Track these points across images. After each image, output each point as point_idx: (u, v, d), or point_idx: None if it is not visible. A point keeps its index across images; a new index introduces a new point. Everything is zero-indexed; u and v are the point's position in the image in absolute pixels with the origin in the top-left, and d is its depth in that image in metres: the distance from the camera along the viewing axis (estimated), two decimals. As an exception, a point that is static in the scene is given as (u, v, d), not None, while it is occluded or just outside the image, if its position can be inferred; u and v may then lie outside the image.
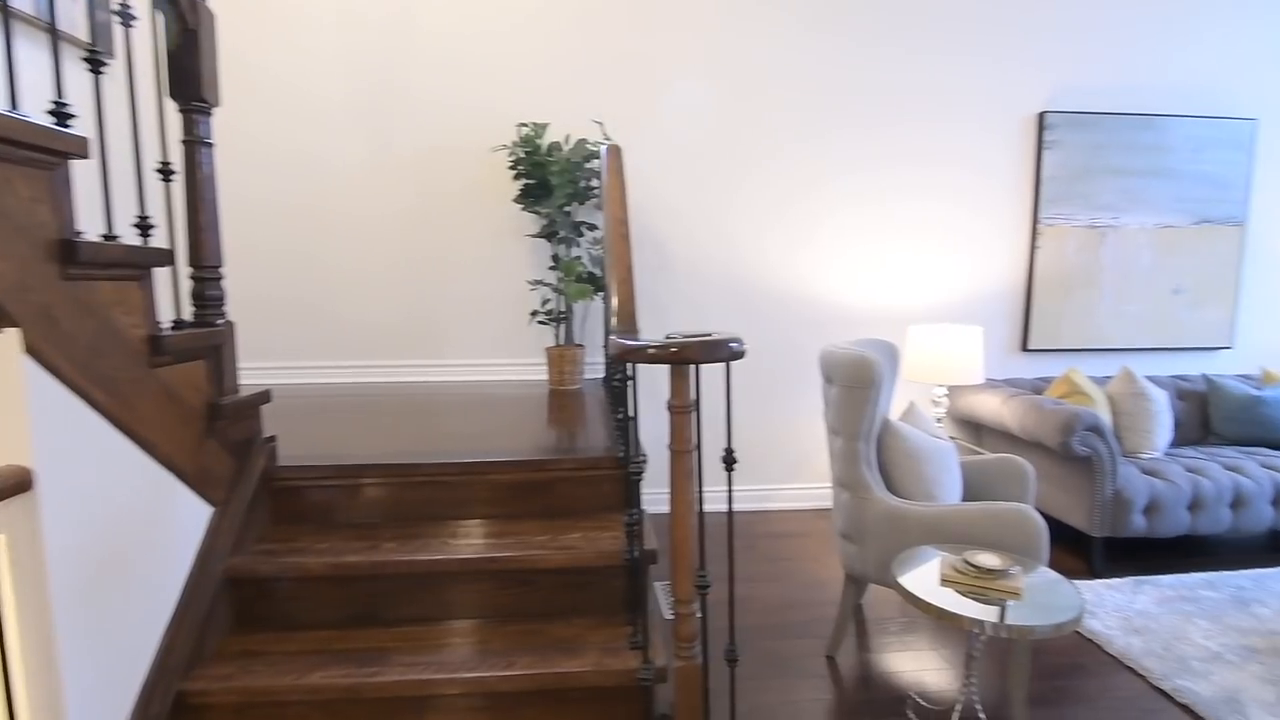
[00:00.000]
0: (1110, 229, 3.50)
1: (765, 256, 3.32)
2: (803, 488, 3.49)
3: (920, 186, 3.37)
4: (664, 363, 1.25)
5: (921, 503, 1.92)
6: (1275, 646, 2.14)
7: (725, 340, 1.27)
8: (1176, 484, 2.71)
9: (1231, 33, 3.47)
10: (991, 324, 3.53)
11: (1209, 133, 3.49)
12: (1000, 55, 3.32)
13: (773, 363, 3.39)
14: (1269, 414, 3.19)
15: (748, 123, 3.22)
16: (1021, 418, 2.91)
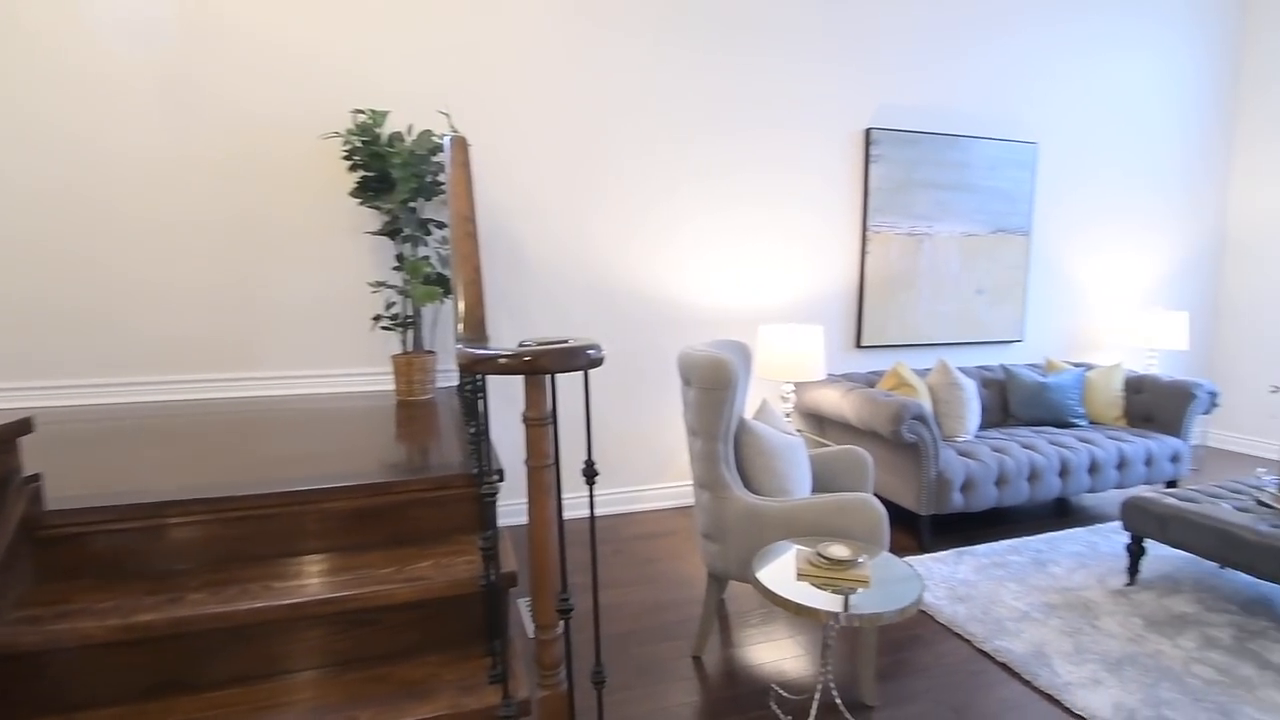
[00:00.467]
0: (926, 236, 3.90)
1: (626, 258, 3.31)
2: (667, 486, 3.53)
3: (767, 193, 3.53)
4: (516, 373, 1.16)
5: (777, 498, 1.99)
6: (1069, 601, 2.46)
7: (582, 347, 1.20)
8: (986, 463, 3.05)
9: (1017, 68, 3.99)
10: (830, 323, 3.78)
11: (1001, 153, 3.99)
12: (834, 74, 3.57)
13: (635, 363, 3.39)
14: (1053, 397, 3.70)
15: (608, 123, 3.19)
16: (858, 409, 3.14)
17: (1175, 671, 2.00)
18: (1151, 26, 4.31)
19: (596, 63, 3.15)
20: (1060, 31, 4.06)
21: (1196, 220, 4.70)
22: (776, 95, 3.48)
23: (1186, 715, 1.80)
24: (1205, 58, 4.51)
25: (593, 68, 3.14)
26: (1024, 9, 3.95)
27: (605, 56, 3.16)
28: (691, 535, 3.14)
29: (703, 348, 2.07)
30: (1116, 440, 3.38)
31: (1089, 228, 4.38)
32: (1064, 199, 4.27)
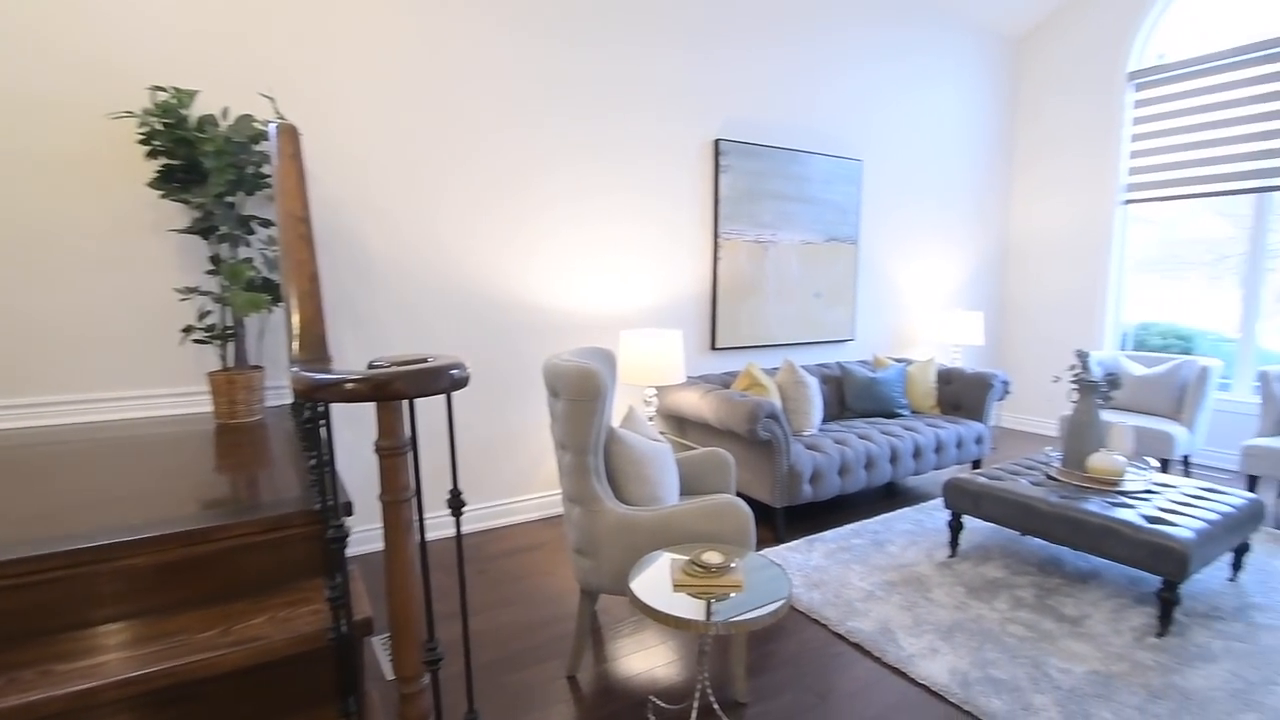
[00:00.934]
0: (771, 244, 4.13)
1: (486, 262, 3.15)
2: (534, 497, 3.42)
3: (625, 200, 3.54)
4: (366, 400, 1.03)
5: (649, 507, 1.97)
6: (905, 578, 2.71)
7: (444, 367, 1.09)
8: (830, 455, 3.29)
9: (847, 93, 4.36)
10: (688, 326, 3.89)
11: (834, 169, 4.34)
12: (687, 84, 3.66)
13: (496, 371, 3.25)
14: (881, 391, 4.09)
15: (463, 119, 3.01)
16: (716, 410, 3.25)
17: (995, 633, 2.27)
18: (952, 68, 4.91)
19: (450, 51, 2.96)
20: (883, 66, 4.49)
21: (985, 232, 5.43)
22: (635, 102, 3.50)
23: (1007, 672, 2.04)
24: (991, 98, 5.23)
25: (446, 56, 2.95)
26: (854, 44, 4.32)
27: (460, 48, 2.98)
28: (561, 548, 3.06)
29: (570, 357, 2.01)
30: (934, 427, 3.80)
31: (905, 237, 4.90)
32: (884, 211, 4.74)
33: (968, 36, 5.00)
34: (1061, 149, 5.15)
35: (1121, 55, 4.74)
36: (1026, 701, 1.89)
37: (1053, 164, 5.21)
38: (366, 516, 2.94)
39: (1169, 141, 4.58)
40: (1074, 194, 5.09)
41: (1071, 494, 2.64)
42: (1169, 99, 4.56)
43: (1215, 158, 4.36)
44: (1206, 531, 2.29)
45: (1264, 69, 4.11)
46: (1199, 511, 2.45)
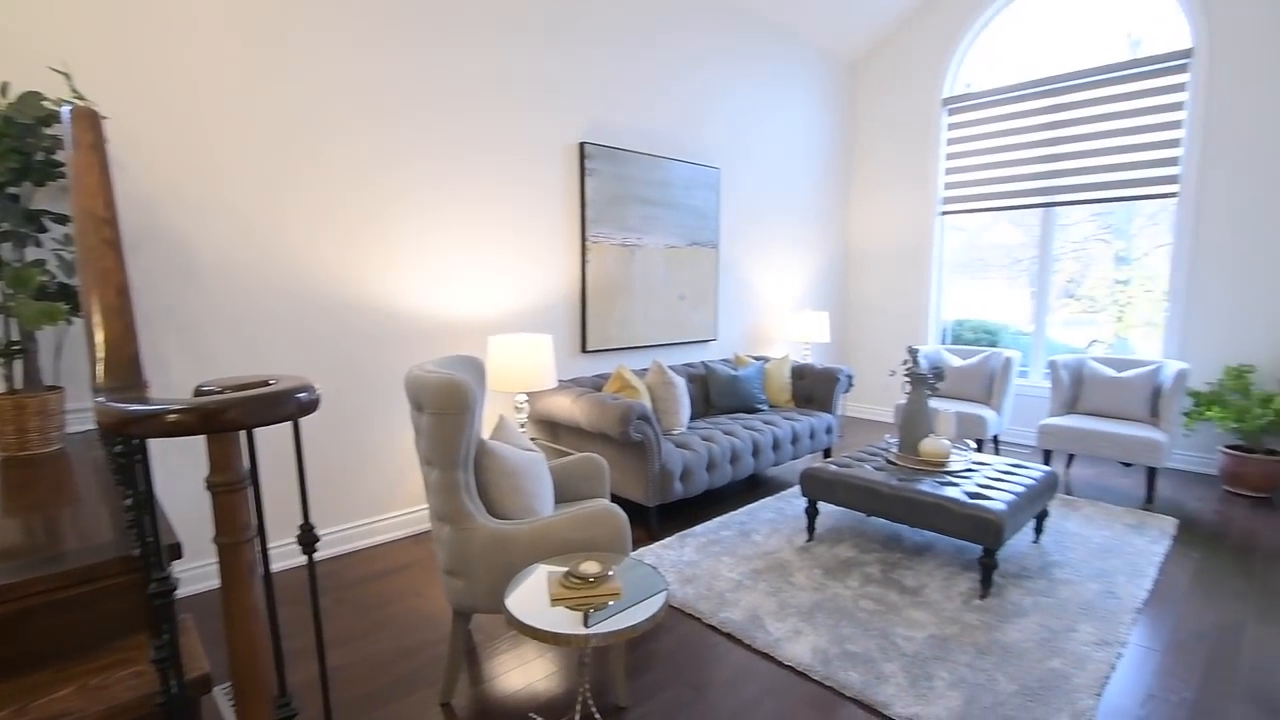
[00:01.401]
0: (637, 247, 4.21)
1: (340, 267, 2.91)
2: (396, 515, 3.22)
3: (491, 201, 3.43)
4: (194, 433, 0.91)
5: (524, 520, 1.93)
6: (770, 565, 2.87)
7: (289, 391, 0.99)
8: (699, 452, 3.41)
9: (705, 103, 4.53)
10: (558, 329, 3.85)
11: (694, 175, 4.50)
12: (551, 86, 3.62)
13: (351, 381, 3.01)
14: (743, 388, 4.30)
15: (313, 111, 2.75)
16: (589, 413, 3.25)
17: (849, 609, 2.47)
18: (798, 86, 5.27)
19: (297, 35, 2.70)
20: (738, 79, 4.72)
21: (829, 238, 5.90)
22: (500, 103, 3.40)
23: (861, 645, 2.22)
24: (832, 115, 5.68)
25: (293, 40, 2.69)
26: (710, 58, 4.49)
27: (308, 32, 2.72)
28: (430, 566, 2.91)
29: (434, 368, 1.91)
30: (790, 420, 4.06)
31: (760, 242, 5.19)
32: (741, 218, 4.99)
33: (810, 57, 5.40)
34: (890, 164, 5.71)
35: (937, 83, 5.34)
36: (879, 671, 2.07)
37: (884, 177, 5.77)
38: (199, 551, 2.61)
39: (975, 160, 5.24)
40: (901, 205, 5.67)
41: (908, 476, 2.93)
42: (975, 123, 5.22)
43: (1010, 176, 5.05)
44: (1015, 503, 2.64)
45: (1045, 102, 4.82)
46: (1008, 485, 2.82)
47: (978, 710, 1.88)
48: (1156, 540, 3.13)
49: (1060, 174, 4.78)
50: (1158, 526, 3.30)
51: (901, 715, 1.86)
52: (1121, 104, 4.49)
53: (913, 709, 1.89)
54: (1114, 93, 4.51)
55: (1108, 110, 4.54)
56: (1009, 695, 1.95)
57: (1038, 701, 1.92)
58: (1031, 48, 4.97)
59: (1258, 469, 3.73)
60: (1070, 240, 5.02)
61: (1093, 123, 4.61)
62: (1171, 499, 3.79)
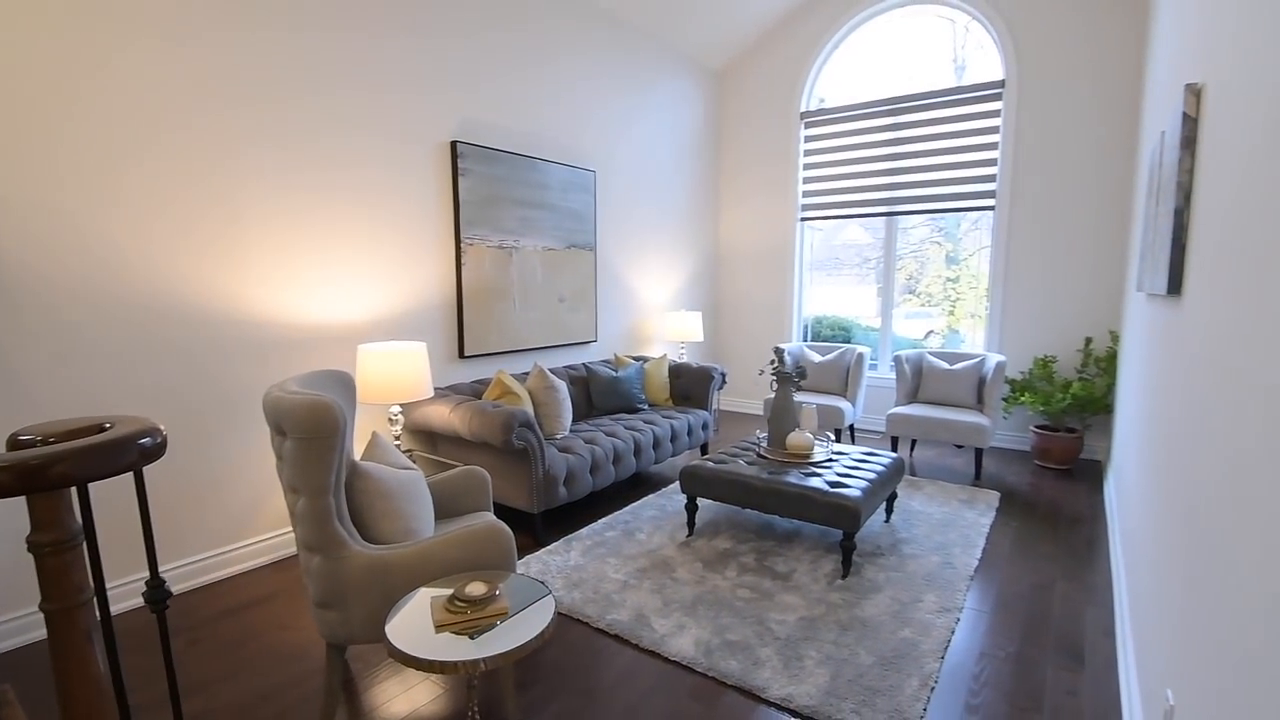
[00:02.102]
0: (515, 249, 4.14)
1: (183, 275, 2.60)
2: (258, 540, 2.97)
3: (359, 202, 3.23)
4: (12, 494, 0.80)
5: (403, 544, 1.86)
6: (654, 562, 2.96)
7: (129, 438, 0.89)
8: (582, 455, 3.43)
9: (580, 106, 4.53)
10: (434, 335, 3.71)
11: (570, 178, 4.50)
12: (420, 81, 3.46)
13: (199, 400, 2.73)
14: (623, 388, 4.38)
15: (141, 100, 2.43)
16: (469, 423, 3.17)
17: (728, 599, 2.61)
18: (668, 92, 5.42)
19: (118, 7, 2.37)
20: (610, 83, 4.77)
21: (701, 240, 6.13)
22: (365, 96, 3.20)
23: (739, 634, 2.36)
24: (701, 122, 5.90)
25: (114, 12, 2.36)
26: (583, 61, 4.50)
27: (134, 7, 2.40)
28: (297, 594, 2.71)
29: (296, 388, 1.79)
30: (669, 419, 4.20)
31: (636, 244, 5.30)
32: (617, 220, 5.07)
33: (682, 66, 5.57)
34: (755, 171, 6.03)
35: (795, 97, 5.71)
36: (756, 656, 2.21)
37: (750, 183, 6.09)
38: (10, 602, 2.26)
39: (828, 171, 5.66)
40: (766, 210, 6.02)
41: (777, 470, 3.14)
42: (828, 137, 5.63)
43: (859, 187, 5.51)
44: (869, 489, 2.91)
45: (887, 120, 5.31)
46: (863, 473, 3.10)
47: (842, 684, 2.06)
48: (984, 513, 3.58)
49: (901, 186, 5.29)
50: (985, 500, 3.78)
51: (777, 697, 2.00)
52: (950, 125, 5.04)
53: (787, 689, 2.03)
54: (943, 115, 5.06)
55: (939, 130, 5.09)
56: (869, 667, 2.16)
57: (892, 670, 2.14)
58: (876, 70, 5.44)
59: (1061, 445, 4.36)
60: (910, 242, 5.57)
61: (927, 141, 5.14)
62: (995, 474, 4.34)
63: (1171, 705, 1.34)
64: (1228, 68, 1.46)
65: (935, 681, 2.10)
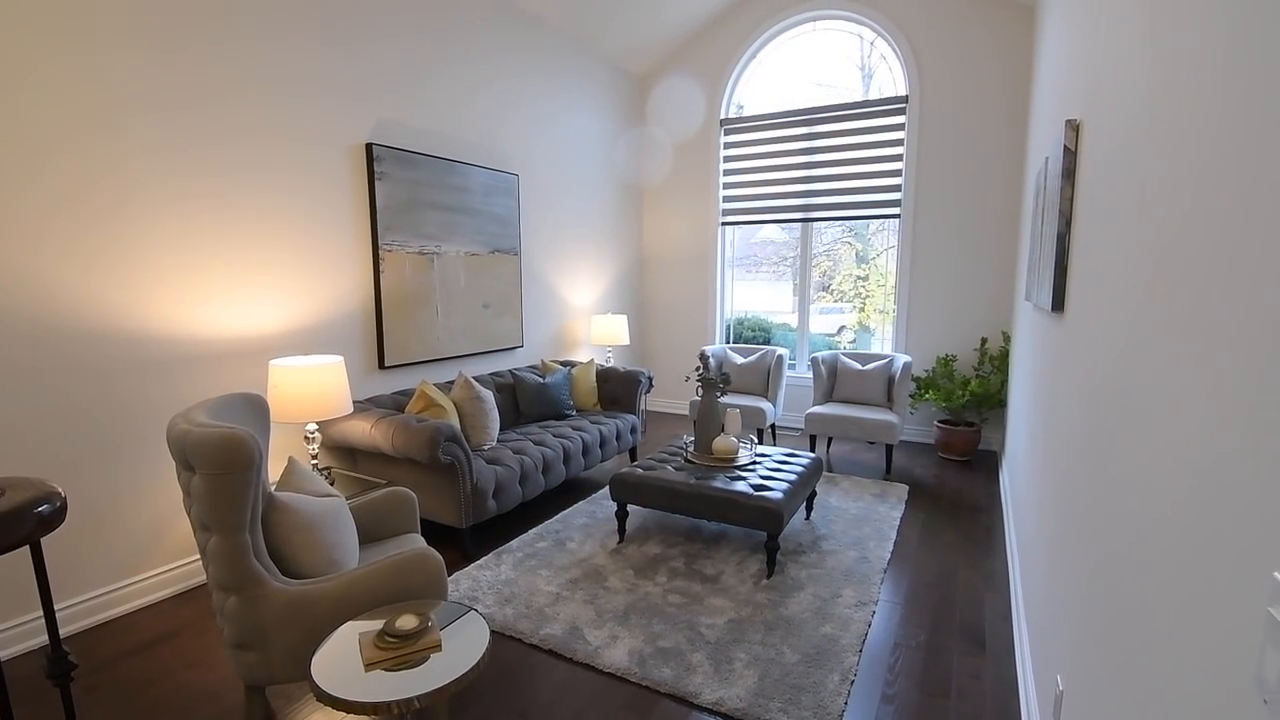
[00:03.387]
0: (436, 255, 4.04)
1: (70, 289, 2.37)
2: (161, 571, 2.76)
3: (267, 207, 3.05)
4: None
5: (326, 577, 1.79)
6: (586, 572, 2.98)
7: (21, 509, 0.83)
8: (511, 467, 3.40)
9: (501, 109, 4.45)
10: (352, 346, 3.57)
11: (493, 182, 4.42)
12: (331, 83, 3.30)
13: (92, 424, 2.51)
14: (551, 395, 4.36)
15: (23, 104, 2.19)
16: (392, 438, 3.08)
17: (659, 605, 2.66)
18: (591, 95, 5.40)
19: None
20: (532, 86, 4.71)
21: (625, 243, 6.17)
22: (269, 93, 3.01)
23: (671, 640, 2.42)
24: (625, 125, 5.92)
25: (-53, 8, 2.11)
26: (503, 63, 4.41)
27: None
28: (206, 627, 2.55)
29: (205, 419, 1.69)
30: (597, 424, 4.22)
31: (561, 248, 5.27)
32: (542, 224, 5.02)
33: (604, 70, 5.57)
34: (678, 175, 6.12)
35: (715, 103, 5.83)
36: (687, 662, 2.28)
37: (672, 187, 6.17)
38: None
39: (747, 177, 5.83)
40: (688, 213, 6.12)
41: (703, 474, 3.22)
42: (746, 144, 5.79)
43: (776, 193, 5.70)
44: (790, 490, 3.04)
45: (801, 130, 5.51)
46: (784, 474, 3.23)
47: (770, 684, 2.16)
48: (895, 506, 3.81)
49: (815, 193, 5.52)
50: (895, 494, 4.02)
51: (709, 701, 2.07)
52: (859, 136, 5.30)
53: (718, 694, 2.11)
54: (853, 127, 5.31)
55: (849, 141, 5.33)
56: (794, 665, 2.27)
57: (815, 666, 2.26)
58: (793, 79, 5.64)
59: (961, 438, 4.70)
60: (823, 241, 5.83)
61: (839, 150, 5.38)
62: (904, 468, 4.62)
63: (1061, 691, 1.49)
64: (1102, 106, 1.62)
65: (855, 675, 2.24)
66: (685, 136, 6.03)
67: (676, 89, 6.00)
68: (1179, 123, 0.93)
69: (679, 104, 6.01)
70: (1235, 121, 0.71)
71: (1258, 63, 0.66)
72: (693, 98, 5.93)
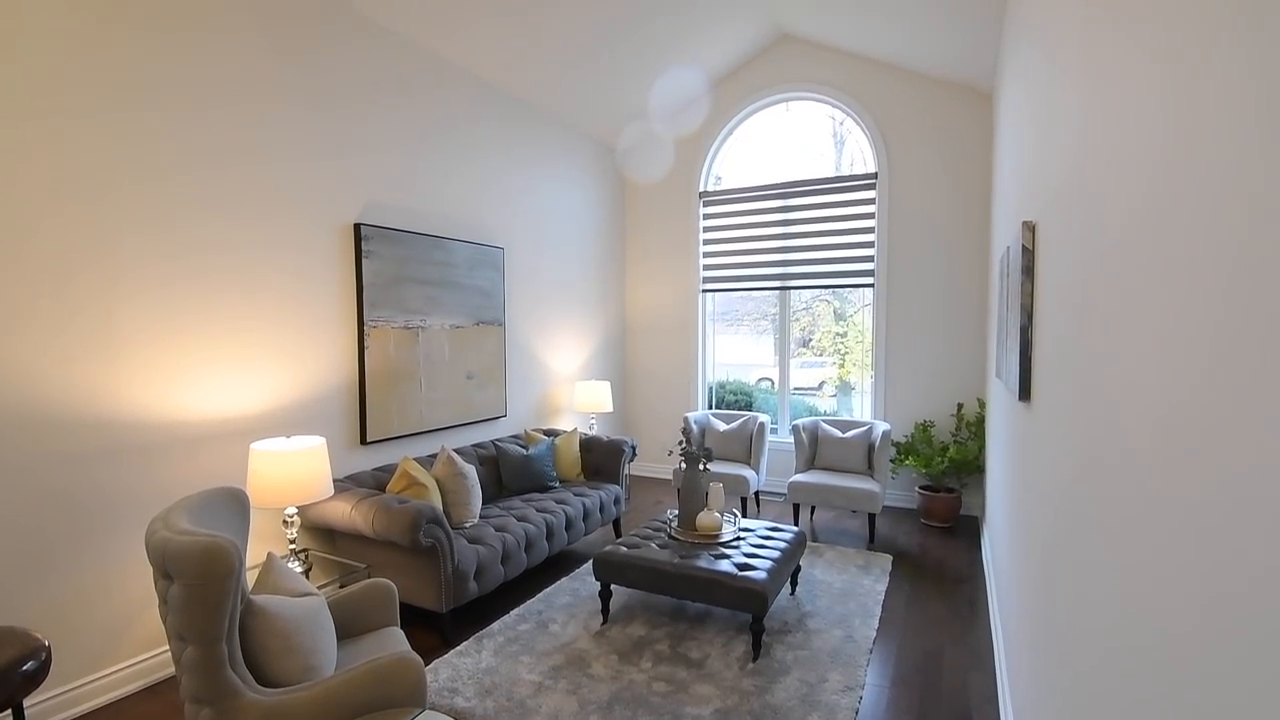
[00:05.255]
0: (421, 329, 4.08)
1: (48, 374, 2.36)
2: (124, 666, 2.66)
3: (252, 287, 3.08)
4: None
5: (303, 685, 1.75)
6: (568, 658, 2.92)
7: (6, 668, 0.83)
8: (493, 546, 3.36)
9: (487, 186, 4.59)
10: (333, 422, 3.56)
11: (479, 255, 4.52)
12: (320, 166, 3.40)
13: (68, 512, 2.45)
14: (534, 466, 4.35)
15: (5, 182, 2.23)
16: (373, 521, 3.04)
17: (644, 695, 2.61)
18: (575, 169, 5.60)
19: (-45, 107, 2.19)
20: (517, 162, 4.87)
21: (609, 310, 6.28)
22: (262, 177, 3.09)
23: (656, 736, 2.37)
24: (608, 197, 6.12)
25: (-52, 113, 2.17)
26: (489, 141, 4.58)
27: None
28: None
29: (186, 525, 1.68)
30: (581, 496, 4.20)
31: (545, 317, 5.35)
32: (526, 294, 5.11)
33: (587, 145, 5.78)
34: (659, 244, 6.30)
35: (694, 176, 6.06)
36: (673, 760, 2.23)
37: (654, 255, 6.34)
38: None
39: (726, 246, 6.01)
40: (669, 280, 6.27)
41: (687, 552, 3.21)
42: (725, 215, 6.00)
43: (755, 262, 5.88)
44: (774, 569, 3.04)
45: (778, 202, 5.73)
46: (768, 550, 3.23)
47: (757, 782, 2.11)
48: (879, 579, 3.81)
49: (792, 262, 5.70)
50: (879, 565, 4.02)
51: (696, 804, 2.02)
52: (832, 210, 5.52)
53: (705, 795, 2.06)
54: (826, 200, 5.54)
55: (823, 214, 5.55)
56: (781, 760, 2.22)
57: (803, 760, 2.22)
58: (768, 153, 5.90)
59: (942, 504, 4.74)
60: (802, 299, 5.98)
61: (813, 222, 5.59)
62: (887, 535, 4.63)
63: (1044, 797, 1.49)
64: (1053, 209, 1.74)
65: (843, 769, 2.20)
66: (666, 207, 6.22)
67: (657, 162, 6.24)
68: (1125, 229, 1.00)
69: (659, 176, 6.23)
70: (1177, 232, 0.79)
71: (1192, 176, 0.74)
72: (673, 171, 6.16)
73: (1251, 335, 0.57)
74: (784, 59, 5.55)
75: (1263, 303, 0.55)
